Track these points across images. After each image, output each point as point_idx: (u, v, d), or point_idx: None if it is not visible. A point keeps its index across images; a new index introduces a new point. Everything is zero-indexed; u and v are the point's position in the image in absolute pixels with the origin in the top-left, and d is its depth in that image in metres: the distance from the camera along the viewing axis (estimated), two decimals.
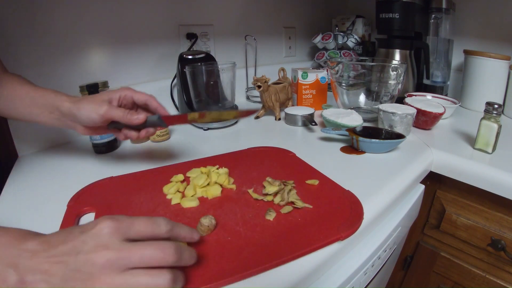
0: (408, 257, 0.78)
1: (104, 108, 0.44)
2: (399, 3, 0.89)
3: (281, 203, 0.44)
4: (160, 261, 0.27)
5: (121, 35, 0.79)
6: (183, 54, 0.82)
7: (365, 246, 0.45)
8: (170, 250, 0.27)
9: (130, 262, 0.26)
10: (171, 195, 0.46)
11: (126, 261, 0.26)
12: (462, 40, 1.02)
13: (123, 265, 0.26)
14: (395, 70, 0.75)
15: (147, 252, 0.27)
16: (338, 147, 0.65)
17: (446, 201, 0.67)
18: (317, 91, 0.92)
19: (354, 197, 0.46)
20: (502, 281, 0.62)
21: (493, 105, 0.58)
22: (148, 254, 0.27)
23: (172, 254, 0.27)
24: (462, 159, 0.60)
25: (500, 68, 0.85)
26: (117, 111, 0.44)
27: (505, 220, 0.59)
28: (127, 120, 0.44)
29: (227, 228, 0.39)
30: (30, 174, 0.58)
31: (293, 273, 0.34)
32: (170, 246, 0.27)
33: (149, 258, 0.27)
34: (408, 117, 0.67)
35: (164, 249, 0.27)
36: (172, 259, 0.27)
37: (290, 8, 1.21)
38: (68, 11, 0.69)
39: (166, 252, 0.27)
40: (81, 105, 0.45)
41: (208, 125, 0.78)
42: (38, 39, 0.66)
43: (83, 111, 0.44)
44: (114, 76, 0.79)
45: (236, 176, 0.52)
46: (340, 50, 1.19)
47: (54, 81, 0.70)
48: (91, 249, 0.26)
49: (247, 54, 1.09)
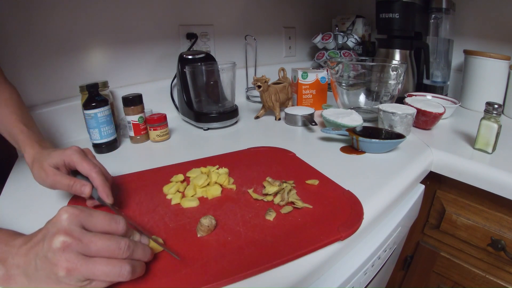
0: (408, 257, 0.78)
1: (50, 180, 0.41)
2: (399, 3, 0.89)
3: (281, 203, 0.44)
4: (113, 253, 0.28)
5: (121, 35, 0.79)
6: (183, 54, 0.82)
7: (365, 246, 0.45)
8: (124, 245, 0.29)
9: (86, 248, 0.28)
10: (171, 195, 0.46)
11: (82, 246, 0.27)
12: (462, 40, 1.02)
13: (79, 250, 0.27)
14: (395, 70, 0.75)
15: (103, 242, 0.28)
16: (338, 147, 0.65)
17: (446, 201, 0.67)
18: (317, 91, 0.92)
19: (354, 197, 0.46)
20: (502, 281, 0.62)
21: (493, 105, 0.58)
22: (104, 244, 0.28)
23: (125, 249, 0.29)
24: (462, 159, 0.60)
25: (500, 68, 0.85)
26: (63, 182, 0.41)
27: (505, 220, 0.59)
28: (73, 193, 0.41)
29: (227, 228, 0.39)
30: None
31: (293, 273, 0.34)
32: (125, 241, 0.29)
33: (105, 247, 0.28)
34: (408, 117, 0.67)
35: (118, 242, 0.29)
36: (125, 254, 0.29)
37: (290, 8, 1.21)
38: (68, 11, 0.69)
39: (120, 245, 0.29)
40: (34, 170, 0.43)
41: (208, 125, 0.78)
42: (38, 39, 0.66)
43: (35, 175, 0.43)
44: (114, 76, 0.79)
45: (236, 176, 0.52)
46: (340, 50, 1.19)
47: (54, 81, 0.70)
48: (51, 235, 0.27)
49: (247, 54, 1.09)
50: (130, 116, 0.69)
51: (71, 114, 0.71)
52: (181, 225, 0.40)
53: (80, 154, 0.42)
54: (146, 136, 0.72)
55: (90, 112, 0.62)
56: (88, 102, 0.62)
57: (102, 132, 0.64)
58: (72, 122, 0.71)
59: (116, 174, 0.54)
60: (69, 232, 0.28)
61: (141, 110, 0.71)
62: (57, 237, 0.27)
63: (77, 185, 0.41)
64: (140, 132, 0.71)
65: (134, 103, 0.69)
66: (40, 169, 0.42)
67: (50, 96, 0.70)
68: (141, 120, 0.70)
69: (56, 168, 0.42)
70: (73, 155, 0.41)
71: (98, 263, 0.27)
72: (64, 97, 0.72)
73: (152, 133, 0.71)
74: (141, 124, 0.71)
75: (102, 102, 0.63)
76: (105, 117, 0.64)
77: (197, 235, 0.38)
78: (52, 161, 0.41)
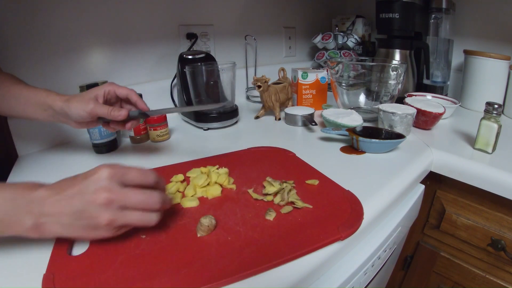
0: (408, 257, 0.78)
1: (91, 106, 0.47)
2: (399, 3, 0.89)
3: (281, 203, 0.44)
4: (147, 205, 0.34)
5: (121, 35, 0.79)
6: (183, 54, 0.82)
7: (365, 246, 0.45)
8: (156, 198, 0.35)
9: (125, 202, 0.32)
10: (171, 195, 0.46)
11: (122, 201, 0.32)
12: (462, 40, 1.02)
13: (120, 204, 0.32)
14: (395, 70, 0.75)
15: (139, 196, 0.33)
16: (338, 147, 0.65)
17: (446, 201, 0.67)
18: (317, 91, 0.92)
19: (354, 197, 0.46)
20: (502, 281, 0.62)
21: (493, 105, 0.58)
22: (140, 198, 0.33)
23: (157, 202, 0.35)
24: (462, 159, 0.60)
25: (500, 68, 0.85)
26: (102, 108, 0.47)
27: (505, 220, 0.59)
28: (111, 116, 0.48)
29: (227, 228, 0.39)
30: (30, 174, 0.58)
31: (293, 273, 0.34)
32: (156, 195, 0.35)
33: (140, 201, 0.33)
34: (408, 117, 0.67)
35: (152, 196, 0.34)
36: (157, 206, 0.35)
37: (290, 8, 1.21)
38: (68, 11, 0.69)
39: (153, 198, 0.34)
40: (71, 104, 0.48)
41: (208, 125, 0.78)
42: (38, 39, 0.66)
43: (73, 109, 0.47)
44: (114, 76, 0.79)
45: (236, 176, 0.52)
46: (340, 50, 1.19)
47: (54, 81, 0.70)
48: (93, 191, 0.31)
49: (247, 54, 1.09)
50: None
51: None
52: (181, 225, 0.40)
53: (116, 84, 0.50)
54: (146, 136, 0.72)
55: None
56: None
57: (102, 132, 0.64)
58: None
59: None
60: (110, 189, 0.32)
61: None
62: (100, 193, 0.31)
63: (115, 110, 0.47)
64: (140, 132, 0.71)
65: None
66: (80, 100, 0.47)
67: None
68: (141, 120, 0.70)
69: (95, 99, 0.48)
70: (111, 84, 0.49)
71: (133, 214, 0.33)
72: None
73: (152, 133, 0.71)
74: (141, 124, 0.71)
75: None
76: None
77: (197, 235, 0.38)
78: (92, 94, 0.48)
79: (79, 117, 0.48)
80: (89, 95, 0.48)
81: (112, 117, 0.48)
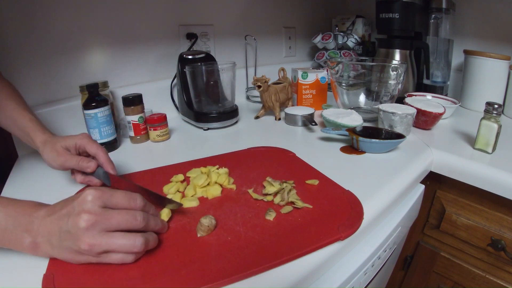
0: (408, 257, 0.78)
1: (61, 159, 0.47)
2: (399, 3, 0.89)
3: (281, 203, 0.44)
4: (131, 224, 0.33)
5: (121, 35, 0.79)
6: (183, 54, 0.82)
7: (365, 246, 0.45)
8: (139, 217, 0.34)
9: (108, 225, 0.32)
10: (171, 195, 0.46)
11: (104, 224, 0.32)
12: (462, 40, 1.02)
13: (102, 227, 0.32)
14: (395, 70, 0.75)
15: (122, 215, 0.33)
16: (338, 147, 0.65)
17: (446, 201, 0.67)
18: (317, 91, 0.92)
19: (354, 197, 0.46)
20: (502, 281, 0.62)
21: (493, 105, 0.58)
22: (122, 217, 0.33)
23: (140, 221, 0.34)
24: (462, 159, 0.60)
25: (500, 68, 0.84)
26: (72, 160, 0.47)
27: (505, 220, 0.59)
28: (79, 167, 0.47)
29: (227, 228, 0.39)
30: (30, 174, 0.58)
31: (293, 273, 0.34)
32: (140, 214, 0.34)
33: (124, 220, 0.33)
34: (408, 117, 0.67)
35: (135, 214, 0.34)
36: (141, 224, 0.34)
37: (290, 8, 1.21)
38: (68, 11, 0.69)
39: (136, 218, 0.34)
40: (45, 150, 0.49)
41: (208, 125, 0.78)
42: (38, 39, 0.66)
43: (46, 157, 0.49)
44: (114, 76, 0.79)
45: (236, 176, 0.52)
46: (340, 50, 1.19)
47: (54, 81, 0.70)
48: (77, 214, 0.32)
49: (247, 54, 1.09)
50: (130, 116, 0.69)
51: (71, 114, 0.71)
52: (181, 225, 0.40)
53: (89, 138, 0.49)
54: (146, 136, 0.72)
55: (90, 112, 0.62)
56: (88, 102, 0.62)
57: (102, 132, 0.64)
58: (72, 122, 0.71)
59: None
60: (92, 211, 0.32)
61: (141, 110, 0.71)
62: (82, 216, 0.31)
63: (83, 161, 0.47)
64: (140, 132, 0.71)
65: (134, 103, 0.69)
66: (52, 150, 0.48)
67: (50, 96, 0.70)
68: (141, 120, 0.70)
69: (67, 149, 0.48)
70: (83, 138, 0.49)
71: (116, 237, 0.32)
72: (64, 97, 0.72)
73: (152, 133, 0.71)
74: (141, 124, 0.71)
75: (102, 102, 0.63)
76: (105, 117, 0.64)
77: (197, 235, 0.38)
78: (64, 144, 0.48)
79: (50, 166, 0.49)
80: (63, 144, 0.48)
81: (80, 168, 0.47)
